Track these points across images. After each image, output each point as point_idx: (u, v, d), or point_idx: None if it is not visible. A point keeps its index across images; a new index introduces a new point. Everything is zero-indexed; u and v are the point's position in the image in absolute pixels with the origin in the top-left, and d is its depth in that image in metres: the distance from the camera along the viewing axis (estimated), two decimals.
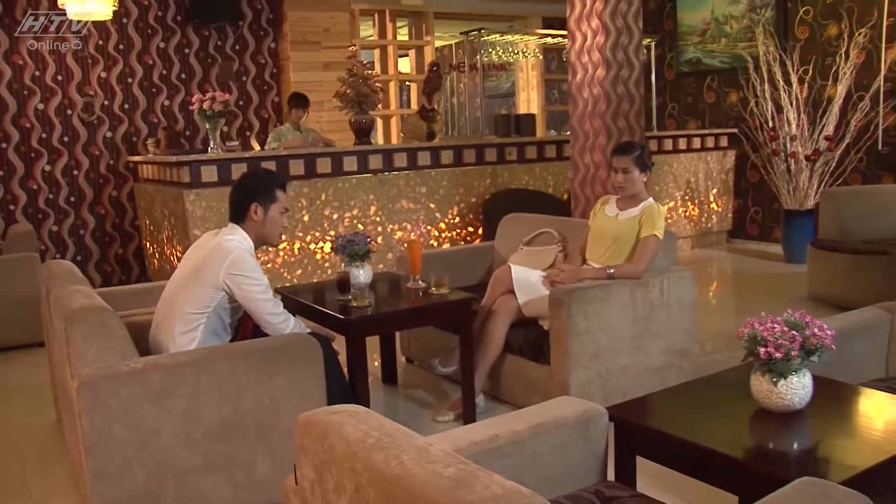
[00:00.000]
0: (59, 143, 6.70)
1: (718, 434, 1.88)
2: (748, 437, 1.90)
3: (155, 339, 2.82)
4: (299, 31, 7.46)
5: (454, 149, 6.29)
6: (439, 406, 3.66)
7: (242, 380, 2.53)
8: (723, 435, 1.88)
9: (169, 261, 5.84)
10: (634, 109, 4.33)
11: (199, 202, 5.13)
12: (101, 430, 2.33)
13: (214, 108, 5.16)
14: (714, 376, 2.22)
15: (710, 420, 1.95)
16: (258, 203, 2.87)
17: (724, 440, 1.86)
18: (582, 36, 4.28)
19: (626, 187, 3.54)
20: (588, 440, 1.85)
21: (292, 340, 2.70)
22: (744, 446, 1.88)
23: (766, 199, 7.62)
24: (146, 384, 2.38)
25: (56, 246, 6.74)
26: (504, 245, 4.42)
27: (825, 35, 6.93)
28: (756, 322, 1.88)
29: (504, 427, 1.74)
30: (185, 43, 7.17)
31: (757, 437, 1.90)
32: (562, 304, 3.19)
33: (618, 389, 3.40)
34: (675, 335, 3.58)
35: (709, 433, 1.88)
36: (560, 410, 1.85)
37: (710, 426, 1.92)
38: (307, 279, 5.55)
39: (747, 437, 1.90)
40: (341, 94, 5.86)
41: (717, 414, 1.98)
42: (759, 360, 1.83)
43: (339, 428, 1.28)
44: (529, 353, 3.42)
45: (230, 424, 2.52)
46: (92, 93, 6.79)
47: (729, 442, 1.86)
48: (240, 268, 2.72)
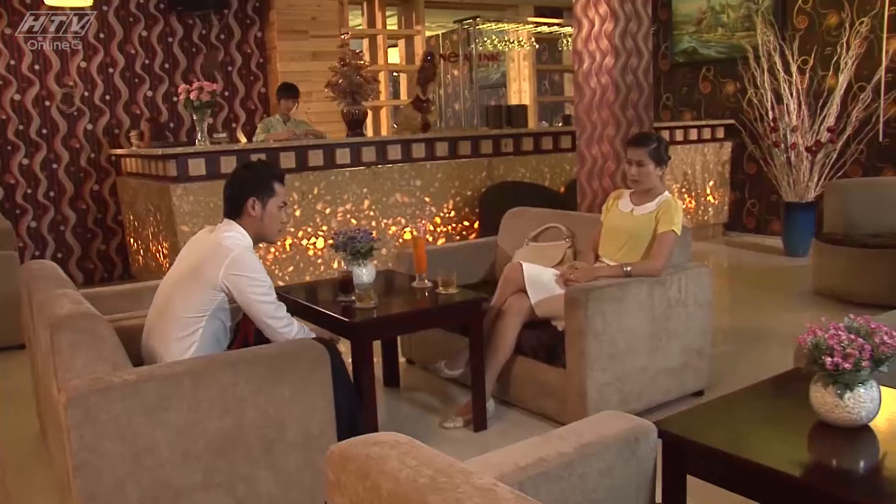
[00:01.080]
0: (37, 136, 6.43)
1: (776, 450, 1.72)
2: (809, 454, 1.75)
3: (148, 346, 2.61)
4: (286, 19, 7.23)
5: (449, 140, 6.10)
6: (445, 411, 3.49)
7: (244, 390, 2.33)
8: (781, 451, 1.72)
9: (154, 258, 5.61)
10: (643, 99, 4.17)
11: (187, 197, 4.91)
12: (91, 448, 2.13)
13: (202, 99, 4.94)
14: (762, 384, 2.06)
15: (766, 435, 1.79)
16: (256, 198, 2.67)
17: (782, 457, 1.70)
18: (589, 23, 4.11)
19: (640, 181, 3.38)
20: (637, 460, 1.68)
21: (298, 347, 2.51)
22: (804, 464, 1.72)
23: (763, 191, 7.51)
24: (140, 397, 2.18)
25: (35, 243, 6.48)
26: (508, 241, 4.24)
27: (825, 24, 6.81)
28: (818, 328, 1.72)
29: (549, 449, 1.57)
30: (169, 32, 6.92)
31: (819, 453, 1.74)
32: (579, 304, 3.02)
33: (634, 392, 3.24)
34: (692, 334, 3.43)
35: (765, 450, 1.72)
36: (607, 428, 1.67)
37: (766, 442, 1.76)
38: (299, 277, 5.35)
39: (808, 453, 1.75)
40: (333, 84, 5.65)
41: (772, 428, 1.82)
42: (823, 370, 1.67)
43: (382, 464, 1.10)
44: (543, 355, 3.25)
45: (231, 438, 2.33)
46: (71, 83, 6.52)
47: (788, 459, 1.70)
48: (241, 267, 2.53)
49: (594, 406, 3.10)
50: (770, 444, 1.74)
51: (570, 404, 3.14)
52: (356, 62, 5.62)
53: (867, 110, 6.38)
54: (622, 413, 1.78)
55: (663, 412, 3.36)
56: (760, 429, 1.82)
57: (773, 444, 1.75)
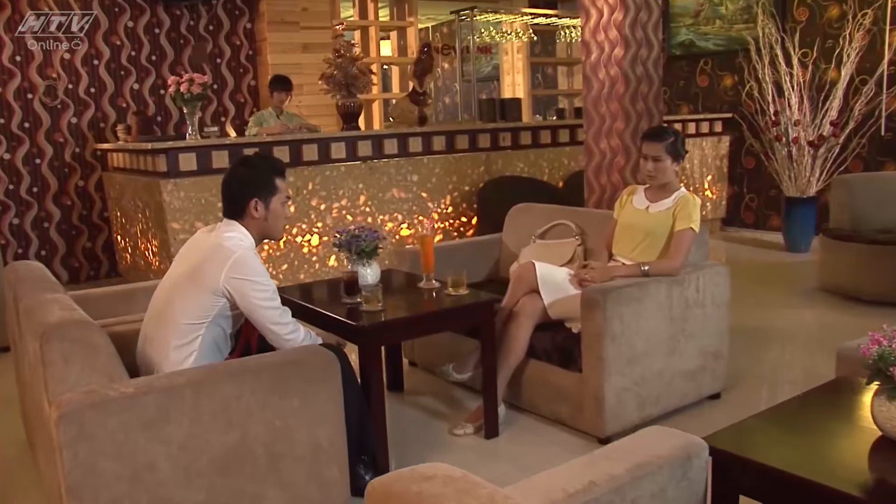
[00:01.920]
0: (19, 130, 6.21)
1: (837, 469, 1.59)
2: (872, 474, 1.62)
3: (145, 354, 2.44)
4: (276, 10, 7.04)
5: (446, 134, 5.94)
6: (453, 416, 3.35)
7: (250, 402, 2.18)
8: (842, 470, 1.59)
9: (143, 256, 5.42)
10: (653, 92, 4.03)
11: (178, 192, 4.72)
12: (85, 466, 1.97)
13: (193, 91, 4.75)
14: (809, 395, 1.92)
15: (825, 452, 1.66)
16: (258, 198, 2.51)
17: (844, 477, 1.57)
18: (597, 12, 3.96)
19: (655, 176, 3.25)
20: (689, 481, 1.54)
21: (305, 354, 2.35)
22: (868, 485, 1.59)
23: (762, 185, 7.41)
24: (139, 411, 2.02)
25: (18, 240, 6.26)
26: (513, 238, 4.10)
27: (826, 16, 6.70)
28: (881, 337, 1.58)
29: (598, 471, 1.43)
30: (156, 22, 6.70)
31: (884, 472, 1.61)
32: (597, 306, 2.88)
33: (652, 397, 3.11)
34: (709, 336, 3.30)
35: (825, 468, 1.59)
36: (656, 446, 1.54)
37: (824, 460, 1.63)
38: (293, 275, 5.18)
39: (871, 473, 1.62)
40: (328, 76, 5.47)
41: (830, 444, 1.69)
42: (890, 382, 1.54)
43: None
44: (557, 358, 3.11)
45: (236, 454, 2.17)
46: (55, 75, 6.30)
47: (851, 479, 1.57)
48: (243, 271, 2.36)
49: (611, 412, 2.97)
50: (830, 463, 1.62)
51: (587, 410, 3.01)
52: (352, 53, 5.44)
53: (869, 104, 6.29)
54: (668, 428, 1.64)
55: (681, 417, 3.24)
56: (817, 445, 1.69)
57: (833, 462, 1.62)
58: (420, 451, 3.01)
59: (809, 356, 4.13)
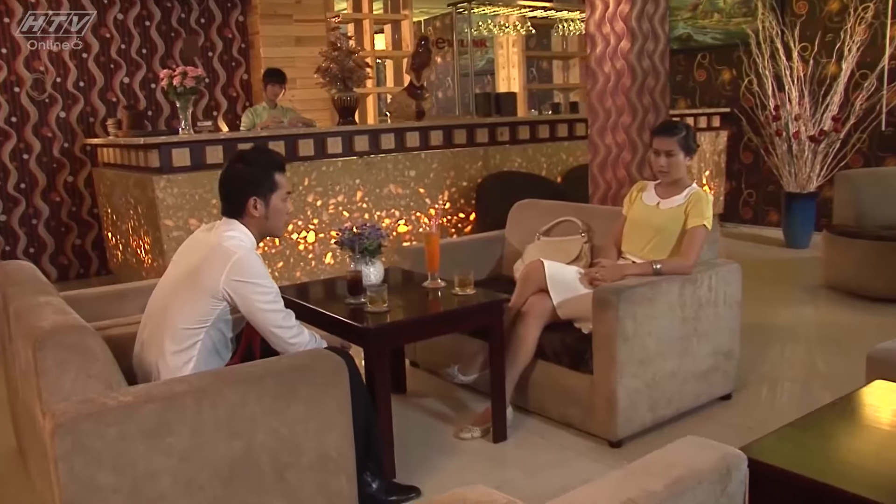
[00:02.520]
0: (5, 125, 6.06)
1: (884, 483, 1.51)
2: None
3: (142, 360, 2.33)
4: (269, 3, 6.92)
5: (444, 129, 5.85)
6: (459, 419, 3.25)
7: (254, 409, 2.07)
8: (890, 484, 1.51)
9: (135, 253, 5.29)
10: (660, 86, 3.94)
11: (171, 189, 4.60)
12: (82, 480, 1.86)
13: (186, 85, 4.62)
14: (843, 402, 1.84)
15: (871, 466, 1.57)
16: (257, 197, 2.39)
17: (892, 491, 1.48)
18: (603, 4, 3.87)
19: (669, 172, 3.16)
20: (728, 497, 1.45)
21: (311, 359, 2.25)
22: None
23: (760, 181, 7.35)
24: (138, 420, 1.91)
25: (5, 237, 6.12)
26: (516, 235, 4.01)
27: (826, 10, 6.64)
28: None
29: (636, 487, 1.33)
30: (146, 15, 6.56)
31: None
32: (609, 306, 2.79)
33: (664, 399, 3.03)
34: (722, 335, 3.22)
35: (870, 482, 1.50)
36: (693, 458, 1.44)
37: (872, 475, 1.54)
38: (289, 272, 5.07)
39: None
40: (324, 69, 5.36)
41: (873, 455, 1.61)
42: None
43: None
44: (567, 359, 3.02)
45: (241, 464, 2.07)
46: (42, 69, 6.15)
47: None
48: (244, 272, 2.26)
49: (624, 414, 2.88)
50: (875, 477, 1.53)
51: (598, 412, 2.92)
52: (348, 46, 5.33)
53: (870, 99, 6.23)
54: (704, 439, 1.55)
55: (694, 419, 3.16)
56: (862, 457, 1.60)
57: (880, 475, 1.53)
58: (426, 455, 2.91)
59: (818, 355, 4.06)
